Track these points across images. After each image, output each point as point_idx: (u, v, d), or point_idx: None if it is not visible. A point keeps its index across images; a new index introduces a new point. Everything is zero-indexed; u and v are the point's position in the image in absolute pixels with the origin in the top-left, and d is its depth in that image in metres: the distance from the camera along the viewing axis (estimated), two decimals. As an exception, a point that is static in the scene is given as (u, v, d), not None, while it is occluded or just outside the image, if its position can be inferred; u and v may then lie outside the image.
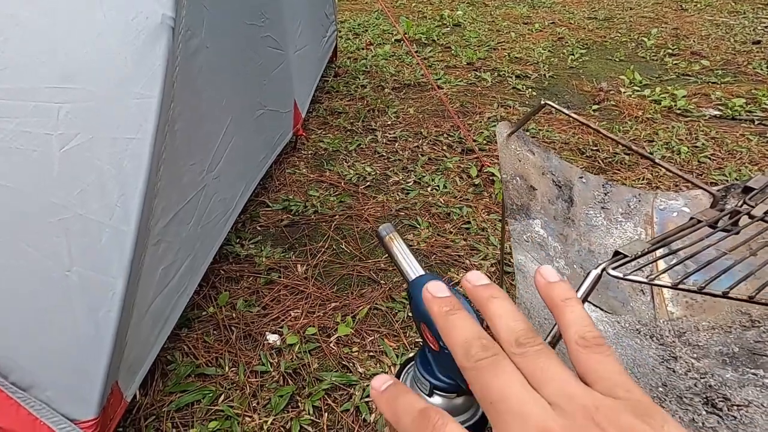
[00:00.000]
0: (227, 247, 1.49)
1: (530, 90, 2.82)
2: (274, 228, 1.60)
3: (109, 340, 0.79)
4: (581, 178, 1.13)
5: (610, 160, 2.17)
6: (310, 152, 2.06)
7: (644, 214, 1.12)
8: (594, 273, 0.58)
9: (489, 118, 2.49)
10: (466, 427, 0.70)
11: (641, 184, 2.00)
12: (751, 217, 0.75)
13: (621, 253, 0.61)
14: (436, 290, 0.28)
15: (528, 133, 2.34)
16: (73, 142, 0.81)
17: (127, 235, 0.82)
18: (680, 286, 0.55)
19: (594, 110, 2.63)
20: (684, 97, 2.73)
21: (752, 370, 0.78)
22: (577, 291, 0.58)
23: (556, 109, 1.04)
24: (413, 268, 0.75)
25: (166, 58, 0.89)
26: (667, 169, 0.89)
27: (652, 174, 2.07)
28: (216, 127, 1.24)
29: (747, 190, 0.81)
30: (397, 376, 0.75)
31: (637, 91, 2.83)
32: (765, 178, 0.84)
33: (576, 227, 1.06)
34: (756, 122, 2.50)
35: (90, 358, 0.79)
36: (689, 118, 2.56)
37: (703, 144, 2.28)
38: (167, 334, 1.05)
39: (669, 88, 2.83)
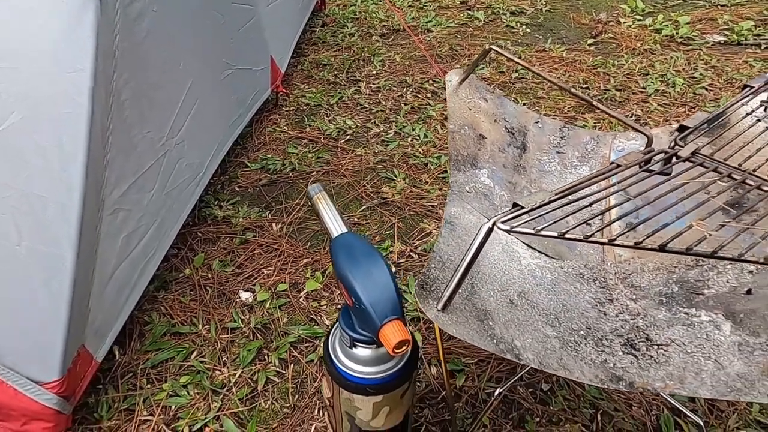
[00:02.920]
0: (206, 210, 1.53)
1: (524, 27, 2.71)
2: (253, 188, 1.63)
3: (65, 309, 0.84)
4: (537, 122, 1.10)
5: (599, 97, 2.09)
6: (291, 108, 2.05)
7: (601, 156, 1.10)
8: (485, 227, 0.58)
9: (478, 60, 2.41)
10: (392, 374, 0.73)
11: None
12: (677, 157, 0.73)
13: (519, 205, 0.61)
14: None
15: (515, 74, 2.27)
16: (8, 121, 0.83)
17: (72, 208, 0.85)
18: (567, 236, 0.55)
19: (590, 44, 2.52)
20: (687, 23, 2.58)
21: (685, 309, 0.79)
22: (470, 246, 0.59)
23: (501, 54, 1.01)
24: (337, 227, 0.77)
25: (95, 30, 0.89)
26: (604, 111, 0.87)
27: (642, 110, 2.00)
28: (173, 92, 1.24)
29: (682, 129, 0.79)
30: (327, 336, 0.79)
31: (639, 20, 2.69)
32: (703, 115, 0.81)
33: (527, 174, 1.05)
34: (763, 47, 2.36)
35: (48, 326, 0.84)
36: (690, 47, 2.43)
37: (701, 74, 2.18)
38: (137, 298, 1.10)
39: (673, 14, 2.68)
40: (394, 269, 1.34)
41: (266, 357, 1.12)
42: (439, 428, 0.98)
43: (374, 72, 2.31)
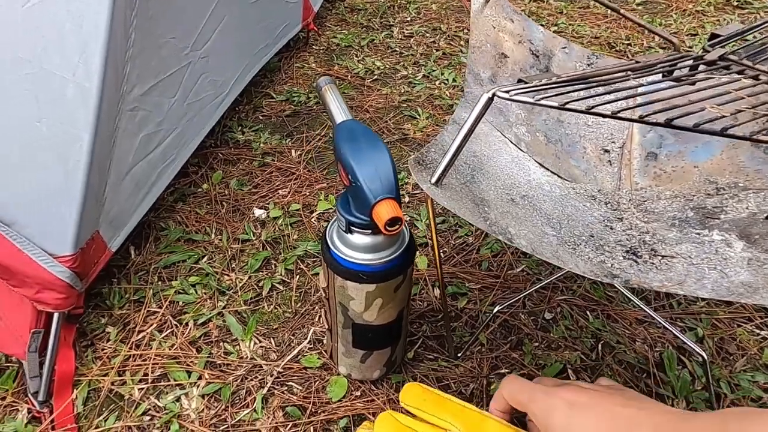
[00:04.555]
0: (228, 134, 1.55)
1: (570, -17, 2.59)
2: (276, 117, 1.64)
3: (79, 188, 0.87)
4: (564, 48, 1.06)
5: (641, 54, 2.00)
6: (321, 48, 2.04)
7: (630, 86, 1.05)
8: (485, 96, 0.57)
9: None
10: (386, 263, 0.73)
11: (670, 77, 1.85)
12: (702, 60, 0.69)
13: (523, 81, 0.59)
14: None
15: (557, 27, 2.19)
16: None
17: (91, 91, 0.87)
18: (567, 106, 0.53)
19: (638, 4, 2.41)
20: (748, -15, 2.42)
21: (697, 231, 0.76)
22: (470, 113, 0.57)
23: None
24: (342, 114, 0.76)
25: None
26: (630, 19, 0.83)
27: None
28: (200, 5, 1.25)
29: (713, 37, 0.74)
30: (326, 227, 0.79)
31: (694, -19, 2.54)
32: (739, 26, 0.76)
33: (547, 97, 1.01)
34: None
35: (62, 203, 0.87)
36: (747, 10, 2.29)
37: (754, 37, 2.05)
38: (153, 199, 1.13)
39: (732, -24, 2.52)
40: (407, 199, 1.33)
41: (273, 267, 1.14)
42: (436, 342, 0.98)
43: (408, 18, 2.27)
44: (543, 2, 2.42)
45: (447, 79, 1.82)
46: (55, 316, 0.89)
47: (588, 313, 1.04)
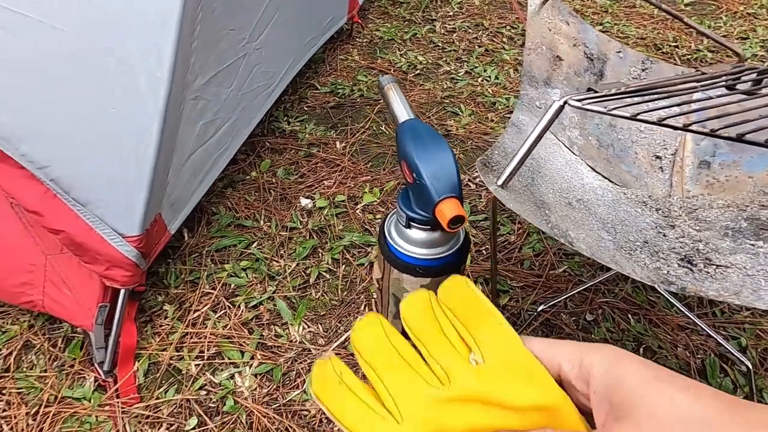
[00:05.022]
0: (275, 123, 1.59)
1: (616, -19, 2.55)
2: (320, 108, 1.67)
3: (148, 173, 0.92)
4: (619, 52, 1.07)
5: (688, 57, 1.97)
6: (365, 40, 2.06)
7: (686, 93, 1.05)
8: (557, 104, 0.59)
9: (561, 10, 2.32)
10: (442, 258, 0.75)
11: (718, 82, 1.82)
12: (765, 72, 0.69)
13: (593, 90, 0.60)
14: None
15: (600, 26, 2.16)
16: (113, -8, 0.89)
17: (162, 81, 0.92)
18: (639, 117, 0.55)
19: (686, 4, 2.36)
20: (802, -11, 2.35)
21: (751, 242, 0.76)
22: (540, 120, 0.59)
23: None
24: (405, 112, 0.79)
25: None
26: (692, 27, 0.83)
27: (734, 72, 1.87)
28: (257, -3, 1.28)
29: (779, 50, 0.74)
30: (383, 220, 0.82)
31: (745, -18, 2.48)
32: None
33: (601, 101, 1.02)
34: None
35: (132, 186, 0.92)
36: (801, 14, 2.23)
37: (810, 43, 2.00)
38: (208, 185, 1.18)
39: (786, -22, 2.44)
40: (450, 195, 1.36)
41: (320, 255, 1.18)
42: (478, 337, 1.01)
43: (451, 13, 2.27)
44: (589, 0, 2.40)
45: (489, 76, 1.83)
46: (122, 292, 0.95)
47: (630, 316, 1.05)
